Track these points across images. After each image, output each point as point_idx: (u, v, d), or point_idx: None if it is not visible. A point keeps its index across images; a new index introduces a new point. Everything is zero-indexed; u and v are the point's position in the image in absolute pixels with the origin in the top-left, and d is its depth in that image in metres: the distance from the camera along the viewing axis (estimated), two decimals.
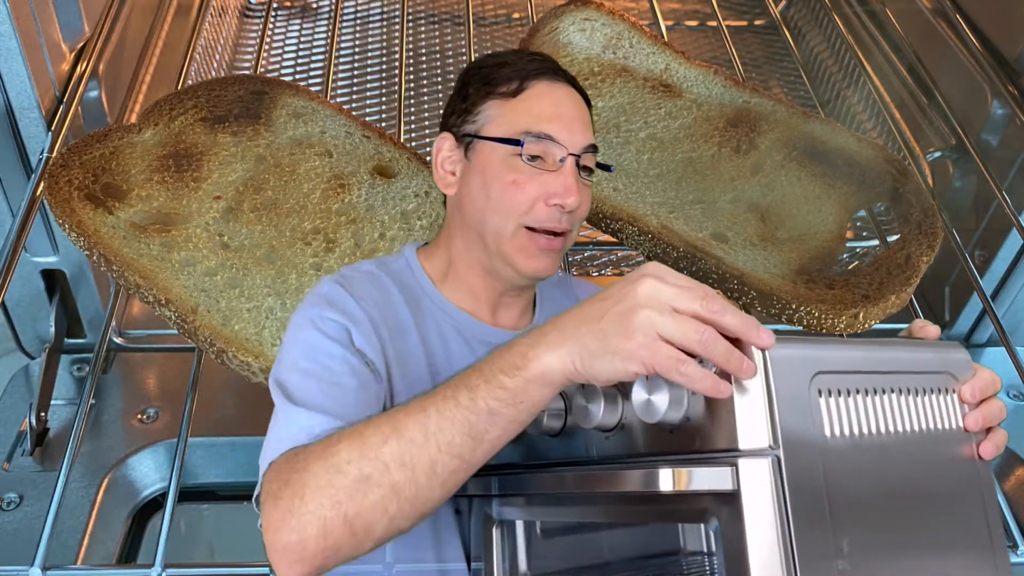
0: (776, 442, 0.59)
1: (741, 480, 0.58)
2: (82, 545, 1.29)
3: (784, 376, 0.61)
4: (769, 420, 0.60)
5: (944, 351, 0.74)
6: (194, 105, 1.39)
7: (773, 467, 0.59)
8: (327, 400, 0.79)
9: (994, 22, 1.59)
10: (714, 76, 1.56)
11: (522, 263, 0.92)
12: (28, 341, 1.54)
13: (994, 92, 1.55)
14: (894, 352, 0.71)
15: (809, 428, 0.61)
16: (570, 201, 0.89)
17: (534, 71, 0.94)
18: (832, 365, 0.64)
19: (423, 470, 0.70)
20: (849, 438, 0.63)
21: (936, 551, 0.68)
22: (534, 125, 0.91)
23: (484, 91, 0.95)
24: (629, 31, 1.60)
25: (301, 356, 0.84)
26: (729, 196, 1.38)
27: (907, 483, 0.67)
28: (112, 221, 1.22)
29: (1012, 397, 1.56)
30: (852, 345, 0.68)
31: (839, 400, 0.63)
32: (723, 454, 0.60)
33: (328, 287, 0.91)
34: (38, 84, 1.31)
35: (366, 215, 1.30)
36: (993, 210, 1.54)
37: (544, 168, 0.91)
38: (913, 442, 0.68)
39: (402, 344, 0.90)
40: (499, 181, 0.91)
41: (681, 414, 0.63)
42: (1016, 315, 1.60)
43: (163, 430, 1.44)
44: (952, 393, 0.73)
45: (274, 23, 2.31)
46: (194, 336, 1.16)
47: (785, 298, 1.20)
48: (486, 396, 0.69)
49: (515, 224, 0.91)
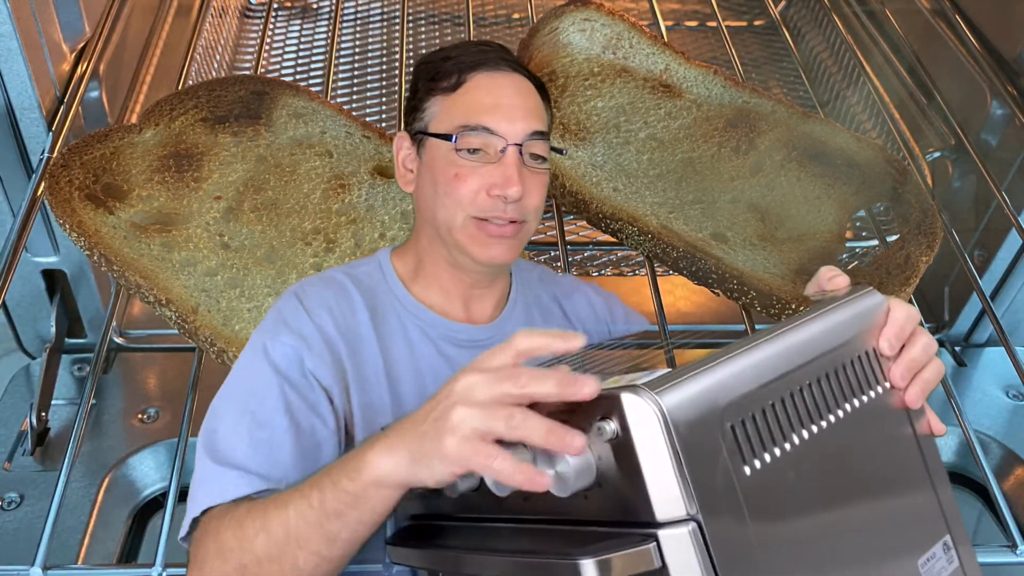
0: (693, 507, 0.56)
1: (665, 555, 0.56)
2: (83, 545, 1.29)
3: (689, 427, 0.56)
4: (681, 484, 0.56)
5: (852, 305, 0.68)
6: (195, 105, 1.39)
7: (694, 535, 0.56)
8: (252, 454, 0.82)
9: (993, 22, 1.60)
10: (714, 76, 1.56)
11: (476, 252, 0.91)
12: (29, 341, 1.54)
13: (993, 92, 1.56)
14: (799, 336, 0.65)
15: (726, 475, 0.57)
16: (511, 192, 0.88)
17: (472, 63, 0.93)
18: (737, 389, 0.59)
19: (289, 565, 0.73)
20: (771, 463, 0.59)
21: (883, 531, 0.65)
22: (471, 118, 0.90)
23: (428, 87, 0.95)
24: (629, 31, 1.60)
25: (240, 393, 0.86)
26: (729, 196, 1.38)
27: (842, 473, 0.64)
28: (113, 221, 1.22)
29: (1011, 397, 1.57)
30: (753, 350, 0.62)
31: (753, 426, 0.59)
32: (642, 526, 0.57)
33: (285, 303, 0.92)
34: (39, 84, 1.31)
35: (366, 215, 1.31)
36: (992, 210, 1.54)
37: (487, 160, 0.90)
38: (841, 427, 0.64)
39: (359, 354, 0.90)
40: (443, 176, 0.91)
41: (591, 481, 0.59)
42: (1015, 315, 1.60)
43: (164, 430, 1.44)
44: (871, 351, 0.67)
45: (274, 23, 2.31)
46: (195, 336, 1.17)
47: (785, 298, 1.20)
48: (332, 499, 0.70)
49: (463, 215, 0.91)
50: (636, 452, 0.56)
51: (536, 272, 1.08)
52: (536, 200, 0.93)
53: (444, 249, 0.95)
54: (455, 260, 0.95)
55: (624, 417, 0.56)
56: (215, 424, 0.85)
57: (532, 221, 0.94)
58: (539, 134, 0.92)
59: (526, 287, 1.04)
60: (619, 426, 0.57)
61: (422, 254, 0.98)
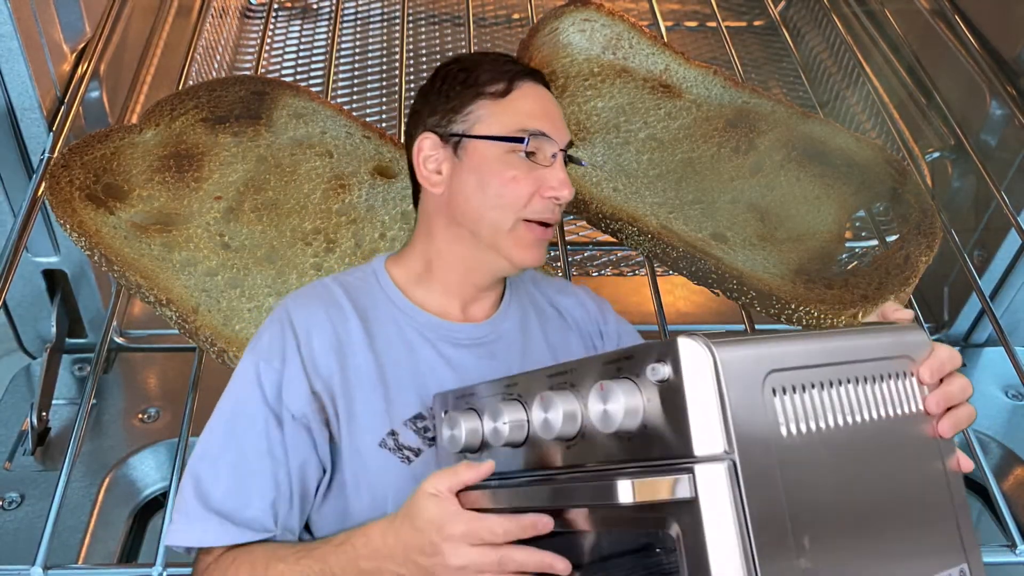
0: (731, 447, 0.60)
1: (698, 487, 0.59)
2: (83, 544, 1.30)
3: (735, 378, 0.61)
4: (723, 425, 0.60)
5: (901, 334, 0.74)
6: (195, 105, 1.40)
7: (729, 472, 0.59)
8: (231, 499, 0.86)
9: (993, 23, 1.60)
10: (713, 77, 1.56)
11: (519, 255, 0.95)
12: (29, 341, 1.54)
13: (993, 92, 1.56)
14: (848, 341, 0.70)
15: (764, 429, 0.61)
16: (565, 194, 0.94)
17: (518, 72, 0.98)
18: (784, 362, 0.64)
19: None
20: (806, 435, 0.63)
21: (901, 539, 0.68)
22: (530, 123, 0.94)
23: (472, 92, 0.97)
24: (629, 32, 1.60)
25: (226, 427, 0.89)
26: (728, 196, 1.38)
27: (869, 474, 0.67)
28: (113, 221, 1.22)
29: (1011, 397, 1.57)
30: (805, 338, 0.68)
31: (794, 397, 0.63)
32: (680, 461, 0.60)
33: (271, 327, 0.93)
34: (39, 85, 1.31)
35: (366, 215, 1.31)
36: (992, 210, 1.55)
37: (538, 163, 0.94)
38: (874, 431, 0.68)
39: (351, 363, 0.92)
40: (498, 177, 0.93)
41: (637, 422, 0.64)
42: (1015, 315, 1.60)
43: (164, 430, 1.44)
44: (911, 377, 0.72)
45: (275, 24, 2.32)
46: (195, 336, 1.17)
47: (784, 298, 1.20)
48: None
49: (514, 218, 0.94)
50: (684, 391, 0.60)
51: (527, 274, 1.09)
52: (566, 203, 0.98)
53: (473, 250, 0.96)
54: (482, 262, 0.97)
55: (678, 359, 0.61)
56: (202, 453, 0.89)
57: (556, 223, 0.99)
58: (571, 143, 1.00)
59: (519, 287, 1.06)
60: (672, 368, 0.61)
61: (433, 255, 0.98)
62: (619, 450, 0.66)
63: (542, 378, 0.73)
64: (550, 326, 1.03)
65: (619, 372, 0.66)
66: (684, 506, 0.59)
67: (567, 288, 1.11)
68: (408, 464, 0.90)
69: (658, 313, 1.29)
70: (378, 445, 0.90)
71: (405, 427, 0.91)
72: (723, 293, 1.26)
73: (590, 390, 0.66)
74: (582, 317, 1.07)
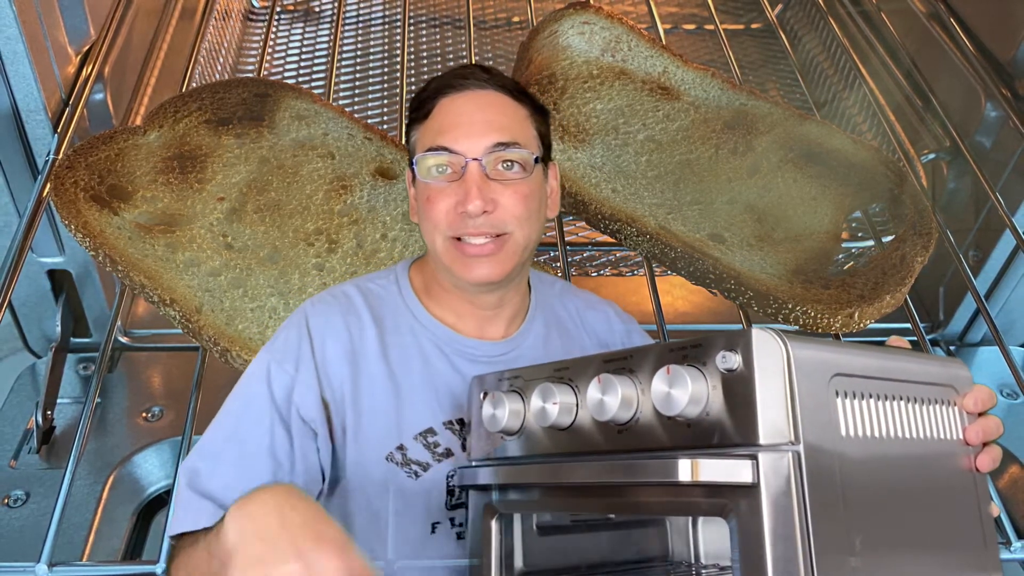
0: (796, 437, 0.60)
1: (761, 473, 0.59)
2: (88, 542, 1.31)
3: (805, 374, 0.62)
4: (790, 415, 0.60)
5: (948, 366, 0.77)
6: (198, 107, 1.41)
7: (793, 461, 0.60)
8: (229, 491, 0.83)
9: (988, 26, 1.61)
10: (711, 79, 1.58)
11: (462, 272, 0.92)
12: (34, 340, 1.55)
13: (988, 95, 1.57)
14: (904, 362, 0.73)
15: (826, 426, 0.62)
16: (471, 206, 0.88)
17: (439, 89, 0.94)
18: (849, 368, 0.66)
19: None
20: (862, 439, 0.65)
21: (935, 550, 0.70)
22: (433, 140, 0.92)
23: (411, 119, 0.98)
24: (627, 34, 1.61)
25: (231, 423, 0.89)
26: (726, 197, 1.39)
27: (912, 485, 0.69)
28: (117, 222, 1.23)
29: (1005, 396, 1.58)
30: (867, 351, 0.69)
31: (854, 402, 0.65)
32: (742, 448, 0.61)
33: (288, 330, 0.93)
34: (44, 87, 1.32)
35: (368, 216, 1.32)
36: (987, 211, 1.56)
37: (453, 179, 0.91)
38: (918, 448, 0.70)
39: (364, 371, 0.92)
40: (422, 200, 0.93)
41: (700, 408, 0.64)
42: (1009, 315, 1.62)
43: (167, 428, 1.45)
44: (954, 406, 0.75)
45: (277, 26, 2.33)
46: (198, 335, 1.18)
47: (781, 298, 1.21)
48: None
49: (441, 237, 0.92)
50: (755, 380, 0.61)
51: (558, 286, 1.08)
52: (514, 209, 0.91)
53: (443, 272, 0.95)
54: (453, 282, 0.95)
55: (750, 349, 0.61)
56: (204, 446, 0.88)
57: (517, 231, 0.92)
58: (501, 145, 0.91)
59: (546, 302, 1.04)
60: (743, 358, 0.62)
61: (430, 275, 0.99)
62: (674, 436, 0.66)
63: (597, 362, 0.73)
64: (574, 345, 1.02)
65: (684, 360, 0.66)
66: (743, 492, 0.60)
67: (596, 304, 1.09)
68: (416, 479, 0.89)
69: (657, 313, 1.31)
70: (385, 458, 0.89)
71: (415, 441, 0.91)
72: (721, 293, 1.27)
73: (651, 375, 0.66)
74: (605, 333, 1.05)
